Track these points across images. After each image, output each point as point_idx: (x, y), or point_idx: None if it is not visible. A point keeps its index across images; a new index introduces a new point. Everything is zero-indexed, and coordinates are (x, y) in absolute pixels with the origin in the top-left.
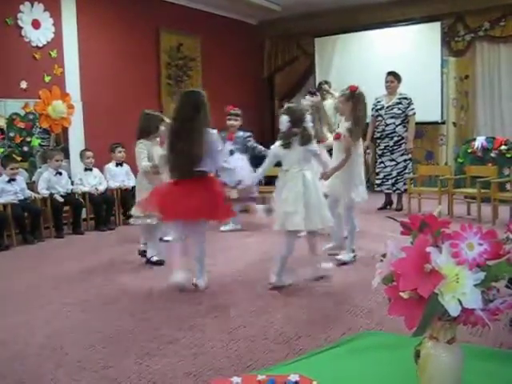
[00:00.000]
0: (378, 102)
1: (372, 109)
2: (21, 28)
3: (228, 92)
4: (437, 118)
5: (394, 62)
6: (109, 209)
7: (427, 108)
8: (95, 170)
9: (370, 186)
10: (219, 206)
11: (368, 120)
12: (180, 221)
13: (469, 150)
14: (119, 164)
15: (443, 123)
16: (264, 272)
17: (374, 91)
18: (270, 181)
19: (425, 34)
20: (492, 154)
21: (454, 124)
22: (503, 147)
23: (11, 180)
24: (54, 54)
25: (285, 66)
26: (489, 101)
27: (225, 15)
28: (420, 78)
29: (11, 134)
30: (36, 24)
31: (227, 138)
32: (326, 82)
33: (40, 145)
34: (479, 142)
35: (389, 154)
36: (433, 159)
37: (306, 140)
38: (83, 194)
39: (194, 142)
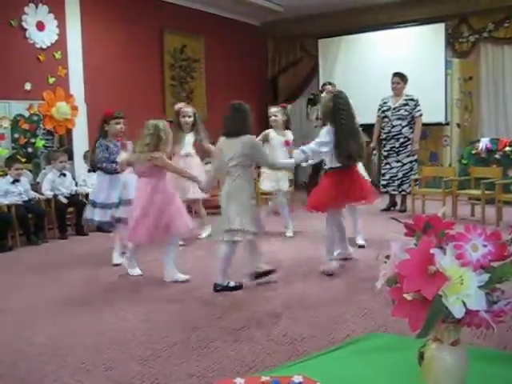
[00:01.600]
0: (385, 103)
1: (378, 110)
2: (25, 30)
3: (232, 93)
4: (441, 119)
5: (397, 63)
6: None
7: (431, 109)
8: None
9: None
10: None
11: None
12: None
13: (473, 152)
14: None
15: (447, 124)
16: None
17: (377, 92)
18: None
19: (429, 35)
20: (496, 156)
21: (458, 125)
22: (507, 148)
23: (15, 181)
24: (58, 55)
25: (288, 68)
26: (493, 102)
27: (228, 16)
28: (424, 79)
29: (16, 136)
30: (40, 26)
31: (122, 146)
32: (330, 83)
33: (44, 146)
34: (483, 143)
35: (395, 155)
36: (437, 160)
37: None
38: (87, 195)
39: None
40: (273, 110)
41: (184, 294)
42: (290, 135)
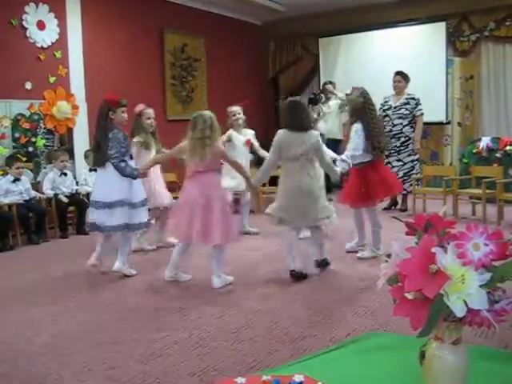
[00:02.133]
0: (386, 101)
1: (380, 109)
2: (26, 29)
3: (233, 92)
4: (442, 118)
5: (398, 62)
6: None
7: (432, 108)
8: None
9: None
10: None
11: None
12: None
13: (474, 151)
14: None
15: (448, 123)
16: (268, 272)
17: (378, 91)
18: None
19: (430, 34)
20: (497, 155)
21: (459, 124)
22: (508, 147)
23: (16, 180)
24: (58, 54)
25: (289, 67)
26: (494, 101)
27: (229, 15)
28: (425, 78)
29: (16, 135)
30: (41, 25)
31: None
32: (331, 82)
33: (45, 145)
34: (484, 142)
35: (396, 154)
36: (438, 159)
37: None
38: (87, 195)
39: None
40: (234, 108)
41: (184, 292)
42: (250, 134)
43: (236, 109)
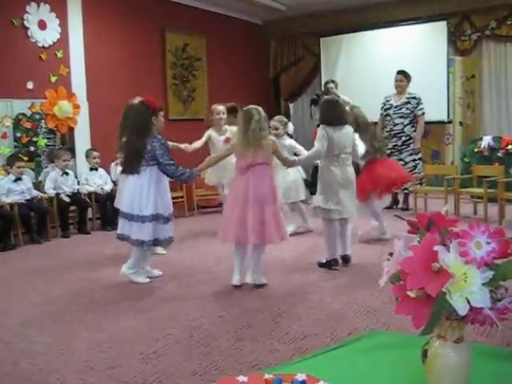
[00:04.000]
0: (388, 101)
1: (381, 108)
2: (27, 28)
3: (234, 92)
4: (443, 117)
5: (400, 61)
6: (114, 208)
7: (433, 107)
8: (101, 170)
9: None
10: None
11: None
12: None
13: (475, 150)
14: None
15: (449, 122)
16: (268, 272)
17: (379, 91)
18: None
19: (431, 33)
20: (499, 154)
21: (461, 123)
22: (510, 147)
23: (18, 179)
24: (59, 54)
25: (290, 66)
26: (495, 100)
27: (230, 15)
28: (426, 78)
29: (18, 134)
30: (42, 25)
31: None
32: (333, 81)
33: (46, 145)
34: (486, 141)
35: (397, 153)
36: (439, 159)
37: None
38: (89, 194)
39: None
40: (220, 108)
41: (186, 292)
42: (228, 132)
43: (221, 108)
